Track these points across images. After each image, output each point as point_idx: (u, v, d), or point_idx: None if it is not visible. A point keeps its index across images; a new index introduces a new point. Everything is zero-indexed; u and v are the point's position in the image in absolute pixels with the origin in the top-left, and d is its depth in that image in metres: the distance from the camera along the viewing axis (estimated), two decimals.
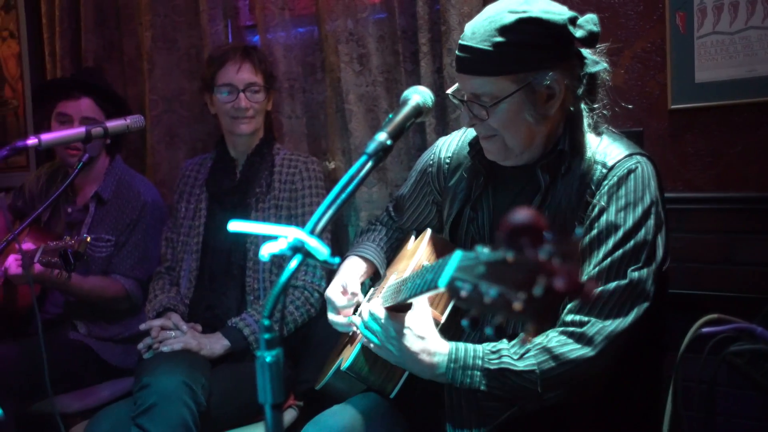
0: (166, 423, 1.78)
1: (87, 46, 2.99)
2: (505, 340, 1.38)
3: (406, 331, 1.38)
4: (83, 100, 2.41)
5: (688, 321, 1.75)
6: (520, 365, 1.33)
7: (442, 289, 0.95)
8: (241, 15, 2.77)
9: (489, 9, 1.40)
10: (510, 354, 1.35)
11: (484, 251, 0.84)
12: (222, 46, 2.48)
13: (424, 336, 1.38)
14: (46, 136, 1.79)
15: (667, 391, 1.63)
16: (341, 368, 1.54)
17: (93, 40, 2.99)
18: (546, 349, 1.34)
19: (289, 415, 2.18)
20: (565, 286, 0.74)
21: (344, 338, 1.80)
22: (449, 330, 1.47)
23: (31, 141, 1.75)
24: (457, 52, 1.42)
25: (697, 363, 1.53)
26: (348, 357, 1.53)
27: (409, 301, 1.35)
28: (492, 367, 1.33)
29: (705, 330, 1.46)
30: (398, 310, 1.42)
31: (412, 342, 1.38)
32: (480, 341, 1.42)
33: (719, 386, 1.67)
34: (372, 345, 1.47)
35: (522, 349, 1.35)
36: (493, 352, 1.35)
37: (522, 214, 0.78)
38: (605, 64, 1.43)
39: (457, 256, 0.92)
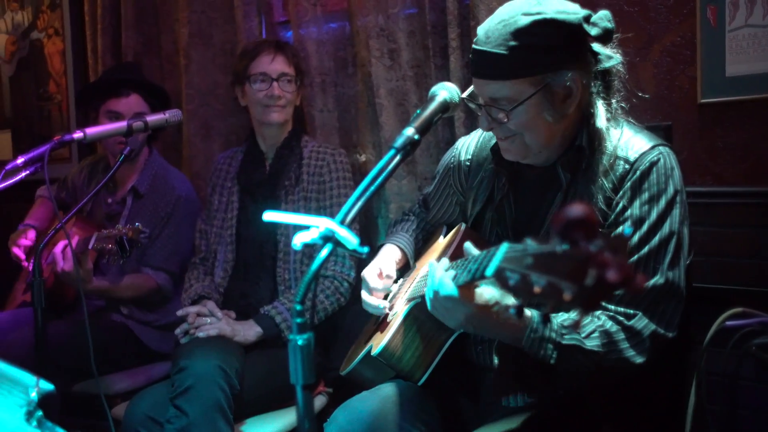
0: (201, 404, 1.85)
1: (127, 42, 3.09)
2: (573, 313, 1.37)
3: (488, 297, 1.31)
4: (132, 97, 2.49)
5: (715, 315, 1.76)
6: (588, 344, 1.33)
7: (489, 277, 0.99)
8: (275, 11, 2.83)
9: (501, 11, 1.40)
10: (579, 330, 1.34)
11: (532, 244, 0.89)
12: (255, 40, 2.54)
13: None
14: (91, 130, 1.88)
15: (691, 384, 1.64)
16: (372, 354, 1.56)
17: (132, 37, 3.09)
18: (607, 333, 1.34)
19: (319, 402, 2.24)
20: (616, 278, 0.78)
21: (371, 326, 1.85)
22: None
23: (77, 134, 1.84)
24: (471, 56, 1.42)
25: (722, 357, 1.54)
26: (379, 343, 1.56)
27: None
28: (564, 342, 1.32)
29: (729, 323, 1.46)
30: None
31: (495, 309, 1.31)
32: None
33: (744, 380, 1.67)
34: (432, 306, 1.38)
35: (588, 327, 1.35)
36: (565, 327, 1.33)
37: (575, 209, 0.82)
38: (619, 57, 1.41)
39: (504, 247, 0.97)
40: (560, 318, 1.35)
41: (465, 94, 1.47)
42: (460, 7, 2.29)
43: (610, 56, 1.41)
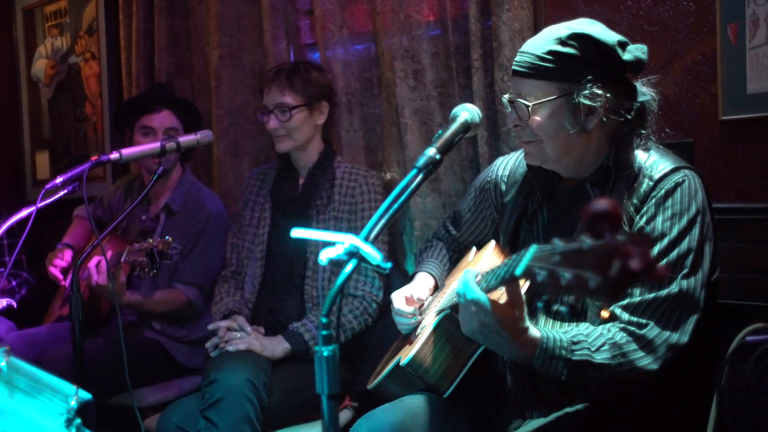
0: (231, 416, 1.90)
1: (160, 65, 3.20)
2: (582, 327, 1.41)
3: (510, 313, 1.34)
4: (164, 113, 2.59)
5: (739, 331, 1.75)
6: (598, 358, 1.36)
7: (518, 275, 1.05)
8: (302, 34, 2.90)
9: (552, 26, 1.52)
10: (588, 346, 1.37)
11: (559, 243, 0.95)
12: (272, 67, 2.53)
13: (524, 321, 1.36)
14: (127, 151, 1.97)
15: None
16: (400, 364, 1.58)
17: (165, 60, 3.20)
18: (617, 345, 1.37)
19: (345, 416, 2.26)
20: (639, 266, 0.83)
21: (398, 343, 1.88)
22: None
23: (113, 155, 1.93)
24: (515, 58, 1.54)
25: (744, 373, 1.54)
26: (408, 354, 1.58)
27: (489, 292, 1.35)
28: (574, 358, 1.36)
29: (750, 339, 1.47)
30: None
31: (511, 325, 1.34)
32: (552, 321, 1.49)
33: (765, 396, 1.66)
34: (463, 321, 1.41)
35: (598, 341, 1.38)
36: (575, 343, 1.37)
37: (601, 203, 0.87)
38: (652, 94, 1.51)
39: (532, 248, 1.02)
40: (570, 334, 1.39)
41: (506, 95, 1.57)
42: (482, 28, 2.33)
43: (644, 93, 1.50)
